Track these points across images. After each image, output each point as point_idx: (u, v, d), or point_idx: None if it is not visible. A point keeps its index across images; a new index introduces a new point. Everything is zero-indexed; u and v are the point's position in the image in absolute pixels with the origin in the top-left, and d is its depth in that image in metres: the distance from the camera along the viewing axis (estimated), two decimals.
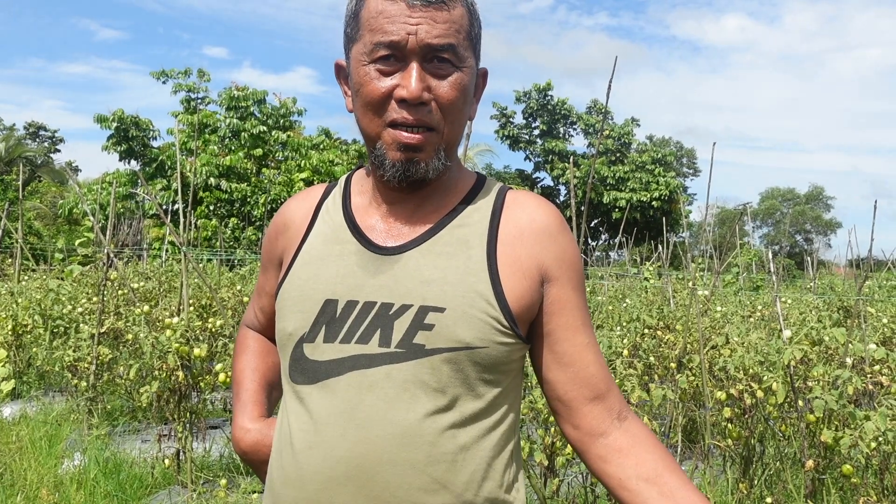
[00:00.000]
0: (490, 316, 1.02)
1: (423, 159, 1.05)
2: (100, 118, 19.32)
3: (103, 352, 5.15)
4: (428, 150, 1.05)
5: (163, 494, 3.89)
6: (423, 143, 1.04)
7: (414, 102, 1.02)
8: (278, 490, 1.07)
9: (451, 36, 1.03)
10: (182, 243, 4.44)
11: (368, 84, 1.04)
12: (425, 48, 1.01)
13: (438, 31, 1.01)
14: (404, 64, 1.02)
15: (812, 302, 7.87)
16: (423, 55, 1.02)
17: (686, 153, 49.31)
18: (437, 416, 1.01)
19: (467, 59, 1.06)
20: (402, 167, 1.05)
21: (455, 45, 1.03)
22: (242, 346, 1.35)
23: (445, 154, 1.07)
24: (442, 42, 1.02)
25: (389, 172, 1.05)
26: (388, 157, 1.05)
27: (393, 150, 1.04)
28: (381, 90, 1.03)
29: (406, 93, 1.01)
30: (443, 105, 1.04)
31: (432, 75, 1.03)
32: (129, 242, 13.88)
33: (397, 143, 1.03)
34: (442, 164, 1.07)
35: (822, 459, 3.27)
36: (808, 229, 54.07)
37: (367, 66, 1.04)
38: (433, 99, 1.03)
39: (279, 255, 1.22)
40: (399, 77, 1.02)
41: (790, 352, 3.19)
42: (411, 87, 1.01)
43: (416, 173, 1.05)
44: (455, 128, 1.08)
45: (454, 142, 1.09)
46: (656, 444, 1.06)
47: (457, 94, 1.05)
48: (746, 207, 7.33)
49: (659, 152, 30.81)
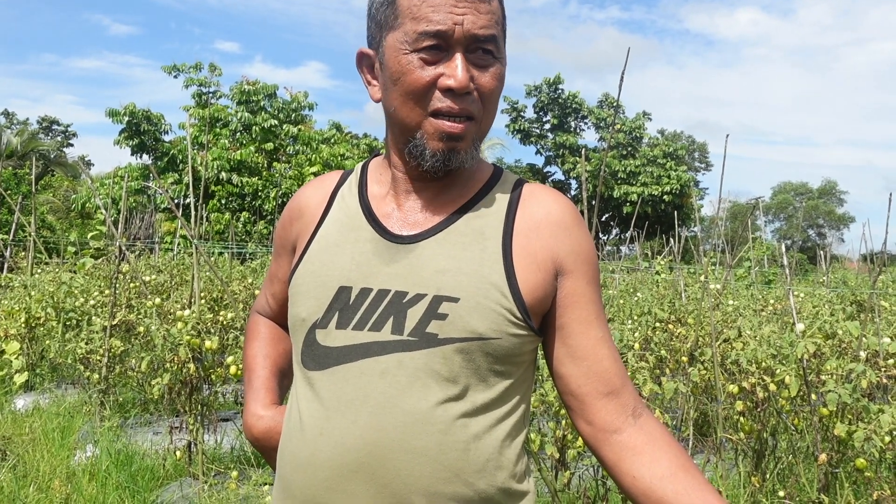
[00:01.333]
0: (503, 307, 1.02)
1: (463, 148, 1.05)
2: (112, 112, 19.40)
3: (115, 344, 5.18)
4: (468, 139, 1.05)
5: (174, 486, 3.91)
6: (465, 133, 1.04)
7: (461, 92, 1.02)
8: (289, 476, 1.07)
9: (493, 27, 1.04)
10: (193, 237, 4.45)
11: (412, 73, 1.03)
12: (471, 38, 1.02)
13: (483, 21, 1.02)
14: (448, 53, 1.02)
15: (825, 296, 7.82)
16: (467, 45, 1.02)
17: (698, 147, 49.15)
18: (448, 405, 1.01)
19: (503, 51, 1.08)
20: (442, 157, 1.05)
21: (496, 37, 1.05)
22: (254, 333, 1.34)
23: (477, 143, 1.08)
24: (486, 33, 1.03)
25: (430, 162, 1.05)
26: (429, 146, 1.04)
27: (434, 140, 1.04)
28: (425, 79, 1.02)
29: (454, 83, 1.01)
30: (484, 95, 1.05)
31: (474, 66, 1.04)
32: (142, 236, 13.95)
33: (440, 132, 1.03)
34: (475, 153, 1.08)
35: (835, 453, 3.24)
36: (820, 224, 53.76)
37: (410, 54, 1.03)
38: (476, 89, 1.04)
39: (293, 242, 1.22)
40: (443, 66, 1.02)
41: (803, 345, 3.17)
42: (458, 76, 1.01)
43: (454, 162, 1.05)
44: (491, 118, 1.09)
45: (486, 132, 1.10)
46: (671, 443, 1.05)
47: (497, 84, 1.06)
48: (758, 202, 7.29)
49: (670, 146, 30.72)
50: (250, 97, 20.78)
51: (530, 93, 32.22)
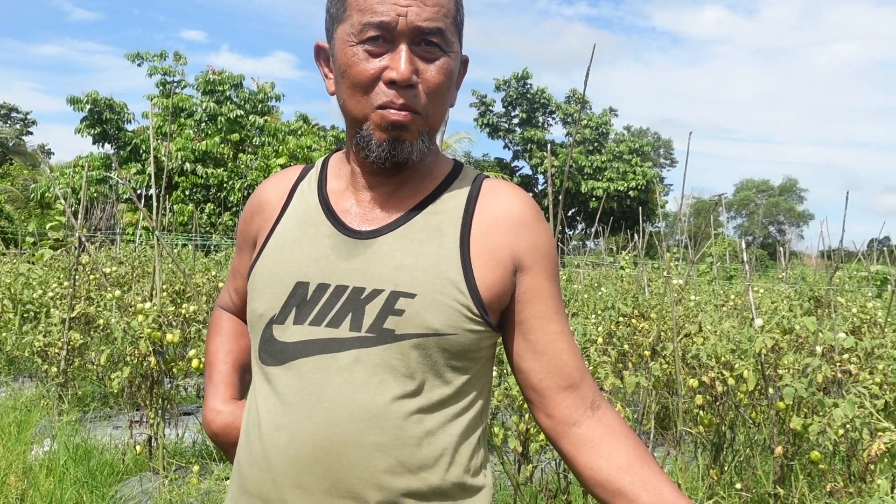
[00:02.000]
0: (460, 303, 1.02)
1: (408, 139, 1.04)
2: (73, 100, 19.06)
3: (74, 337, 5.09)
4: (412, 130, 1.04)
5: (134, 481, 3.86)
6: (409, 123, 1.03)
7: (403, 84, 1.01)
8: (245, 471, 1.06)
9: (440, 20, 1.02)
10: (156, 228, 4.39)
11: (356, 65, 1.02)
12: (415, 30, 1.01)
13: (428, 13, 1.01)
14: (393, 45, 1.01)
15: (784, 292, 7.97)
16: (411, 37, 1.01)
17: (663, 144, 49.68)
18: (404, 401, 1.01)
19: (453, 45, 1.06)
20: (388, 146, 1.04)
21: (443, 29, 1.02)
22: (216, 328, 1.34)
23: (428, 137, 1.07)
24: (431, 25, 1.01)
25: (375, 153, 1.04)
26: (375, 137, 1.04)
27: (380, 131, 1.03)
28: (369, 71, 1.02)
29: (396, 75, 1.00)
30: (429, 89, 1.03)
31: (420, 58, 1.02)
32: (102, 227, 13.71)
33: (385, 121, 1.02)
34: (425, 146, 1.06)
35: (790, 446, 3.31)
36: (781, 220, 54.78)
37: (355, 46, 1.02)
38: (420, 82, 1.03)
39: (253, 236, 1.21)
40: (388, 59, 1.01)
41: (761, 340, 3.23)
42: (401, 68, 1.00)
43: (401, 153, 1.04)
44: (438, 112, 1.07)
45: (436, 126, 1.09)
46: (629, 435, 1.06)
47: (443, 78, 1.04)
48: (721, 198, 7.39)
49: (636, 142, 31.02)
50: (216, 87, 20.54)
51: (499, 87, 32.28)
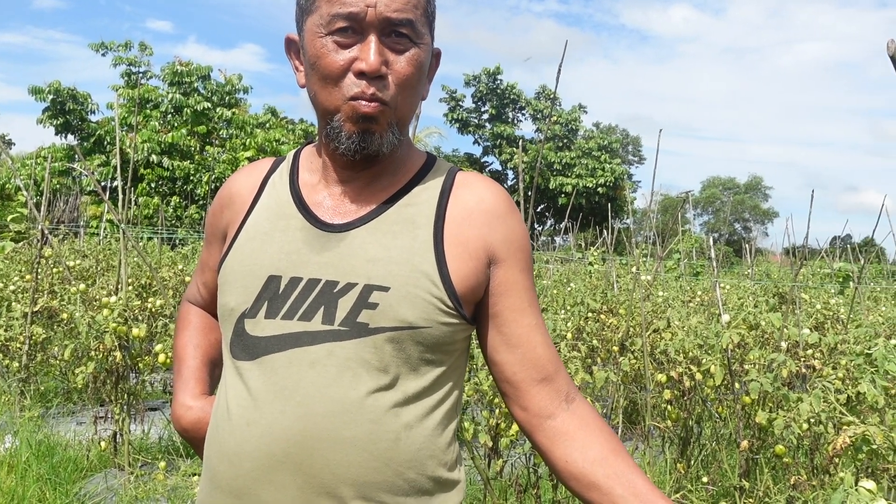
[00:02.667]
0: (434, 296, 1.02)
1: (378, 131, 1.03)
2: (35, 90, 18.67)
3: (37, 331, 5.00)
4: (382, 122, 1.03)
5: (98, 478, 3.80)
6: (379, 114, 1.02)
7: (373, 75, 1.00)
8: (215, 466, 1.05)
9: (410, 11, 1.01)
10: (121, 221, 4.32)
11: (326, 56, 1.01)
12: (384, 21, 1.00)
13: (398, 4, 1.00)
14: (362, 37, 1.01)
15: (749, 288, 8.09)
16: (381, 28, 1.00)
17: (632, 141, 50.15)
18: (379, 395, 1.00)
19: (424, 36, 1.05)
20: (357, 139, 1.03)
21: (413, 21, 1.02)
22: (184, 322, 1.31)
23: (398, 129, 1.06)
24: (401, 17, 1.00)
25: (345, 144, 1.04)
26: (345, 129, 1.03)
27: (350, 123, 1.03)
28: (339, 62, 1.01)
29: (365, 66, 0.99)
30: (399, 80, 1.03)
31: (390, 49, 1.02)
32: (66, 219, 13.47)
33: (355, 113, 1.02)
34: (395, 138, 1.05)
35: (756, 440, 3.36)
36: (746, 218, 55.62)
37: (325, 38, 1.01)
38: (390, 73, 1.02)
39: (223, 229, 1.19)
40: (357, 50, 1.01)
41: (728, 336, 3.27)
42: (370, 59, 0.99)
43: (370, 145, 1.04)
44: (409, 104, 1.06)
45: (407, 118, 1.08)
46: (603, 427, 1.07)
47: (413, 69, 1.03)
48: (688, 195, 7.47)
49: (605, 139, 31.24)
50: (183, 78, 20.26)
51: (469, 82, 32.29)
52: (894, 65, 1.17)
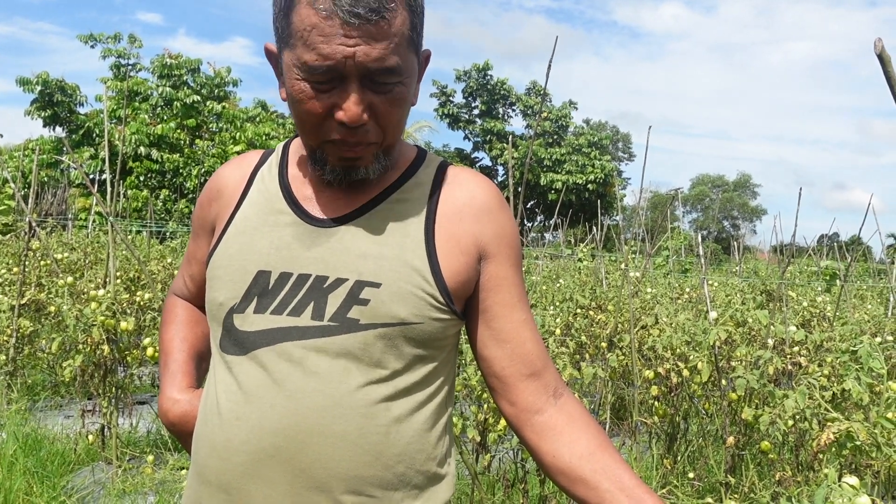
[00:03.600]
0: (426, 292, 1.02)
1: (363, 165, 1.03)
2: (23, 81, 18.52)
3: (24, 324, 4.97)
4: (367, 157, 1.02)
5: (86, 471, 3.79)
6: (363, 154, 1.01)
7: (352, 126, 0.97)
8: (204, 461, 1.05)
9: (391, 55, 0.95)
10: (109, 214, 4.30)
11: (306, 102, 0.97)
12: (363, 71, 0.95)
13: (378, 51, 0.94)
14: (342, 83, 0.96)
15: (737, 285, 8.13)
16: (361, 76, 0.96)
17: (622, 137, 50.24)
18: (369, 389, 1.00)
19: (409, 66, 1.00)
20: (342, 172, 1.03)
21: (395, 64, 0.96)
22: (171, 315, 1.30)
23: (385, 155, 1.05)
24: (381, 65, 0.95)
25: (330, 176, 1.04)
26: (329, 162, 1.03)
27: (334, 159, 1.02)
28: (319, 110, 0.97)
29: (346, 117, 0.96)
30: (383, 121, 1.00)
31: (372, 91, 0.97)
32: (54, 212, 13.38)
33: (337, 157, 1.01)
34: (381, 165, 1.05)
35: (742, 436, 3.39)
36: (735, 215, 55.87)
37: (303, 82, 0.97)
38: (373, 116, 0.99)
39: (211, 222, 1.18)
40: (337, 95, 0.97)
41: (715, 332, 3.29)
42: (351, 111, 0.96)
43: (356, 176, 1.04)
44: (395, 133, 1.04)
45: (395, 142, 1.06)
46: (590, 423, 1.07)
47: (397, 109, 1.00)
48: (678, 192, 7.50)
49: (595, 136, 31.28)
50: (172, 71, 20.14)
51: (459, 78, 32.25)
52: (882, 64, 1.17)
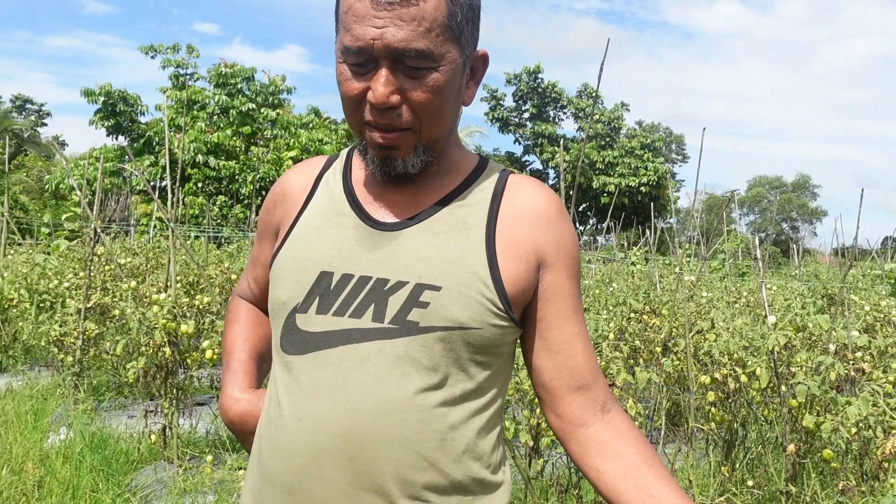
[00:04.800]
0: (485, 297, 1.02)
1: (400, 156, 1.04)
2: (87, 92, 19.12)
3: (90, 327, 5.13)
4: (404, 147, 1.03)
5: (148, 470, 3.90)
6: (398, 142, 1.02)
7: (381, 108, 0.99)
8: (266, 461, 1.06)
9: (420, 37, 0.96)
10: (170, 220, 4.42)
11: (344, 83, 1.02)
12: (392, 52, 0.97)
13: (405, 33, 0.95)
14: (375, 66, 0.99)
15: (797, 289, 7.94)
16: (392, 58, 0.98)
17: (675, 139, 49.46)
18: (427, 394, 1.01)
19: (446, 55, 0.99)
20: (380, 163, 1.05)
21: (425, 48, 0.96)
22: (234, 316, 1.33)
23: (426, 149, 1.05)
24: (409, 46, 0.96)
25: (371, 167, 1.06)
26: (369, 152, 1.05)
27: (372, 148, 1.04)
28: (354, 91, 1.01)
29: (372, 98, 0.99)
30: (415, 108, 1.00)
31: (405, 76, 0.98)
32: (117, 218, 13.79)
33: (372, 141, 1.03)
34: (421, 160, 1.05)
35: (803, 444, 3.31)
36: (794, 217, 54.45)
37: (342, 64, 1.02)
38: (406, 101, 1.00)
39: (276, 225, 1.21)
40: (371, 78, 0.99)
41: (774, 337, 3.23)
42: (377, 92, 0.98)
43: (394, 169, 1.05)
44: (434, 125, 1.04)
45: (437, 137, 1.06)
46: (637, 438, 1.06)
47: (430, 96, 1.00)
48: (734, 194, 7.37)
49: (648, 138, 30.89)
50: (228, 80, 20.56)
51: (510, 81, 32.21)
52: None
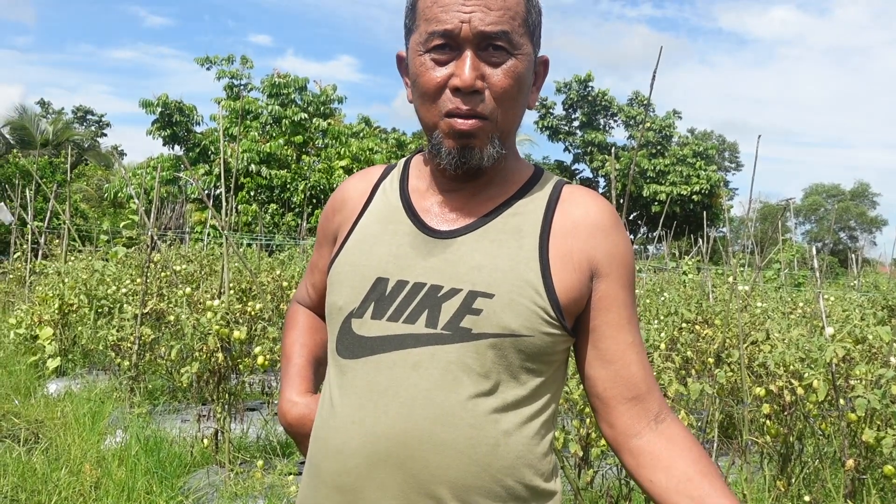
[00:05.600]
0: (538, 305, 1.03)
1: (478, 146, 1.05)
2: (145, 103, 19.64)
3: (146, 332, 5.25)
4: (482, 137, 1.05)
5: (201, 473, 3.97)
6: (477, 130, 1.04)
7: (467, 91, 1.02)
8: (320, 463, 1.08)
9: (506, 23, 1.02)
10: (223, 227, 4.50)
11: (424, 74, 1.05)
12: (479, 36, 1.01)
13: (492, 18, 1.01)
14: (458, 52, 1.03)
15: (856, 300, 7.71)
16: (476, 43, 1.02)
17: (728, 147, 48.58)
18: (479, 400, 1.01)
19: (523, 46, 1.05)
20: (457, 154, 1.05)
21: (509, 33, 1.02)
22: (293, 322, 1.37)
23: (500, 142, 1.07)
24: (495, 29, 1.01)
25: (446, 160, 1.06)
26: (445, 145, 1.06)
27: (449, 139, 1.05)
28: (436, 80, 1.04)
29: (459, 81, 1.01)
30: (496, 93, 1.04)
31: (487, 63, 1.03)
32: (172, 226, 14.11)
33: (452, 130, 1.04)
34: (497, 151, 1.07)
35: (862, 459, 3.21)
36: (852, 226, 52.91)
37: (423, 55, 1.05)
38: (487, 87, 1.03)
39: (334, 232, 1.24)
40: (454, 66, 1.03)
41: (832, 349, 3.14)
42: (464, 75, 1.01)
43: (471, 160, 1.06)
44: (510, 116, 1.07)
45: (509, 129, 1.09)
46: (692, 448, 1.05)
47: (511, 81, 1.04)
48: (789, 203, 7.19)
49: (700, 145, 30.37)
50: (281, 90, 20.91)
51: (560, 90, 32.05)
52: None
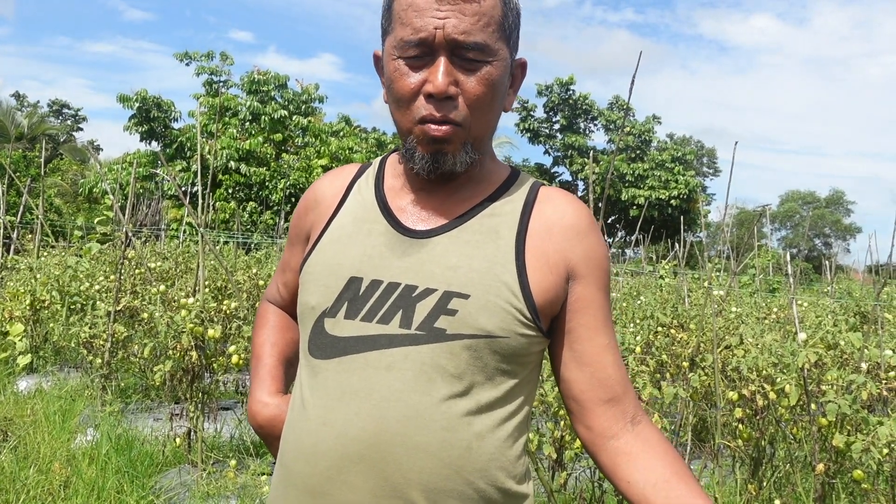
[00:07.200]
0: (513, 307, 1.03)
1: (451, 151, 1.05)
2: (123, 98, 19.49)
3: (119, 329, 5.20)
4: (455, 143, 1.05)
5: (173, 473, 3.93)
6: (450, 136, 1.04)
7: (440, 97, 1.01)
8: (290, 464, 1.07)
9: (480, 31, 1.01)
10: (200, 225, 4.46)
11: (398, 80, 1.04)
12: (452, 43, 1.01)
13: (466, 25, 1.00)
14: (432, 58, 1.02)
15: (829, 306, 7.80)
16: (451, 49, 1.02)
17: (707, 153, 49.02)
18: (452, 402, 1.01)
19: (499, 52, 1.05)
20: (430, 159, 1.05)
21: (482, 43, 1.02)
22: (263, 321, 1.35)
23: (473, 148, 1.07)
24: (469, 39, 1.01)
25: (419, 165, 1.06)
26: (418, 150, 1.06)
27: (423, 145, 1.05)
28: (410, 86, 1.03)
29: (432, 88, 1.01)
30: (469, 100, 1.03)
31: (461, 69, 1.03)
32: (148, 222, 13.98)
33: (426, 136, 1.04)
34: (470, 157, 1.07)
35: (832, 464, 3.24)
36: (826, 233, 53.62)
37: (397, 60, 1.04)
38: (460, 94, 1.03)
39: (307, 231, 1.23)
40: (427, 71, 1.02)
41: (804, 354, 3.17)
42: (437, 81, 1.01)
43: (444, 165, 1.06)
44: (483, 122, 1.07)
45: (483, 135, 1.09)
46: (668, 450, 1.06)
47: (484, 88, 1.04)
48: (765, 209, 7.27)
49: (679, 151, 30.62)
50: (260, 87, 20.80)
51: (541, 92, 32.16)
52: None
